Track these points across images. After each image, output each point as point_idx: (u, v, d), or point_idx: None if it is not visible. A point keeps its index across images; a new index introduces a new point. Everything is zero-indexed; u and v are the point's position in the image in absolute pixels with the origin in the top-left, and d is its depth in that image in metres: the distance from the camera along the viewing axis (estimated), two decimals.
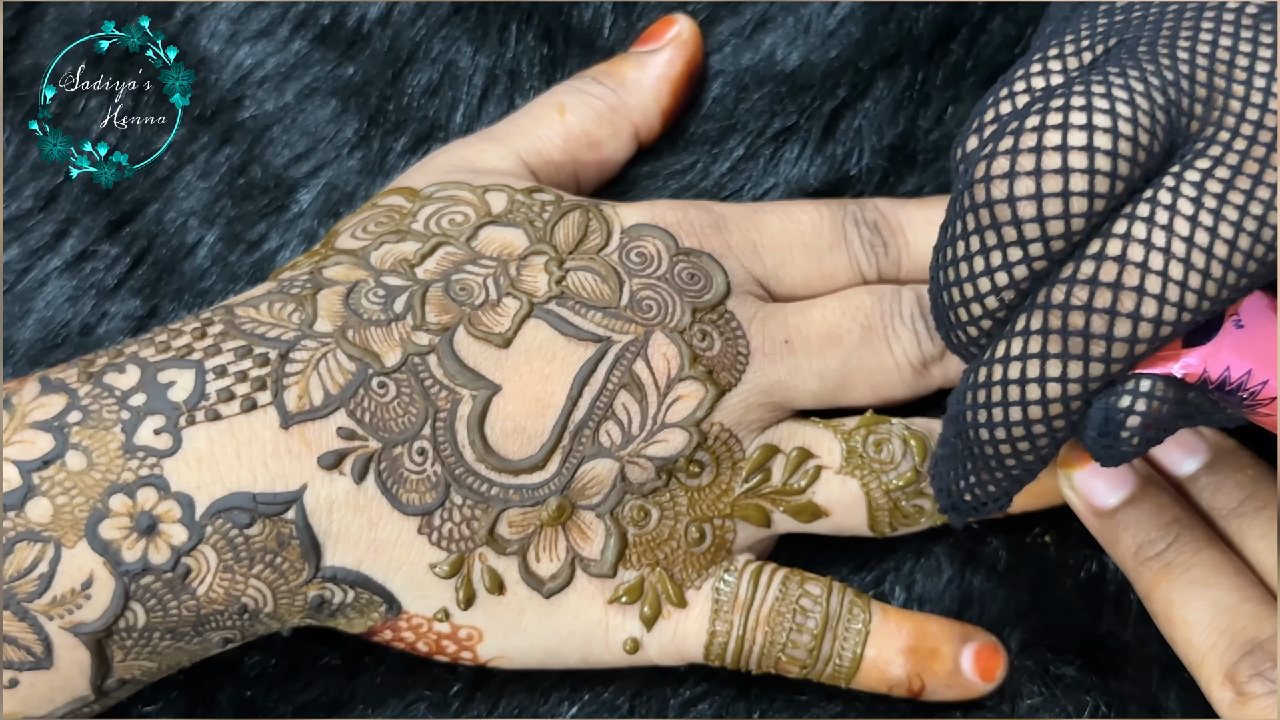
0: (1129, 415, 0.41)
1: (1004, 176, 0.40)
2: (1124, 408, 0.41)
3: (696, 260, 0.51)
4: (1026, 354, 0.41)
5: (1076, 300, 0.40)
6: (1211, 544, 0.49)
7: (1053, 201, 0.40)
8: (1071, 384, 0.41)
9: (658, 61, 0.56)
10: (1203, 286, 0.40)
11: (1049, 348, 0.41)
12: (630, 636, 0.50)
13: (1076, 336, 0.40)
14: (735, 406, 0.50)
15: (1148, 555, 0.49)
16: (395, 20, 0.59)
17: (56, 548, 0.46)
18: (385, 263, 0.50)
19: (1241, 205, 0.40)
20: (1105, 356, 0.40)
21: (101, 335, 0.56)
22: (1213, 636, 0.47)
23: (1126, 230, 0.40)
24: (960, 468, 0.45)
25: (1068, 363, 0.41)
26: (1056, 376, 0.41)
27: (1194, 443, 0.51)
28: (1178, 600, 0.48)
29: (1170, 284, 0.40)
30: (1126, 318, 0.40)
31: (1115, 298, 0.40)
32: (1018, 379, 0.42)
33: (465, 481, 0.48)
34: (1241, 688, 0.46)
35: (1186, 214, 0.40)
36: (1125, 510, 0.50)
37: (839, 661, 0.50)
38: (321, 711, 0.53)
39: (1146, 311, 0.40)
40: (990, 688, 0.51)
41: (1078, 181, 0.40)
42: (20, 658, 0.46)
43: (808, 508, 0.51)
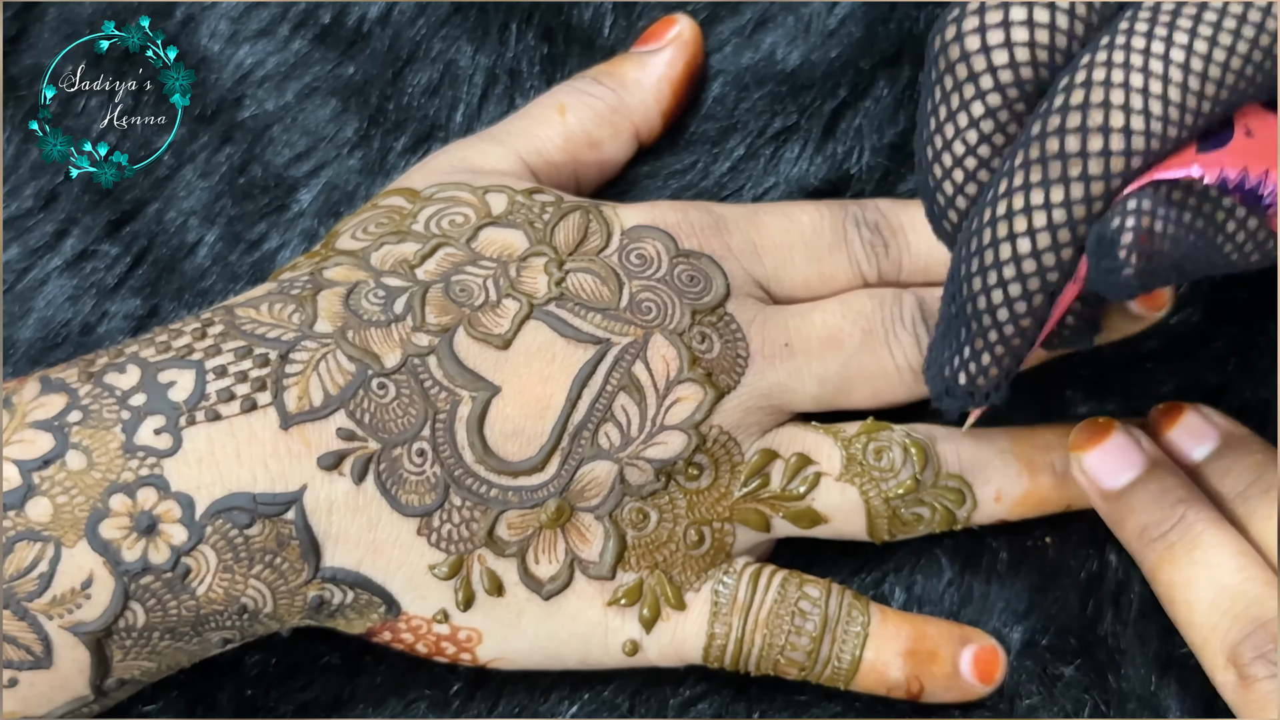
0: (1121, 232, 0.40)
1: (955, 39, 0.43)
2: (1115, 226, 0.40)
3: (696, 262, 0.51)
4: (1012, 188, 0.42)
5: (1050, 127, 0.41)
6: (1217, 525, 0.49)
7: (995, 32, 0.42)
8: (1056, 209, 0.41)
9: (658, 62, 0.56)
10: (1166, 93, 0.41)
11: (1031, 177, 0.42)
12: (629, 638, 0.50)
13: (1055, 160, 0.41)
14: (734, 409, 0.50)
15: (1153, 536, 0.49)
16: (395, 20, 0.59)
17: (56, 547, 0.46)
18: (385, 263, 0.50)
19: (1195, 15, 0.41)
20: (1084, 175, 0.41)
21: (101, 335, 0.56)
22: (1215, 617, 0.47)
23: (1090, 59, 0.41)
24: (954, 342, 0.45)
25: (1049, 188, 0.41)
26: (1040, 204, 0.42)
27: (1204, 429, 0.51)
28: (1180, 581, 0.48)
29: (1134, 94, 0.41)
30: (1098, 132, 0.41)
31: (1084, 115, 0.41)
32: (1005, 214, 0.42)
33: (464, 483, 0.48)
34: (1244, 670, 0.46)
35: (1143, 31, 0.41)
36: (1132, 492, 0.50)
37: (838, 664, 0.50)
38: (321, 711, 0.53)
39: (1115, 123, 0.41)
40: (989, 690, 0.51)
41: (1019, 33, 0.42)
42: (20, 657, 0.46)
43: (807, 514, 0.51)
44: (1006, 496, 0.52)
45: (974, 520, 0.52)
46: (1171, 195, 0.41)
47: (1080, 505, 0.53)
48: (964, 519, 0.52)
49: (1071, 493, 0.52)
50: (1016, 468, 0.52)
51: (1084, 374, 0.55)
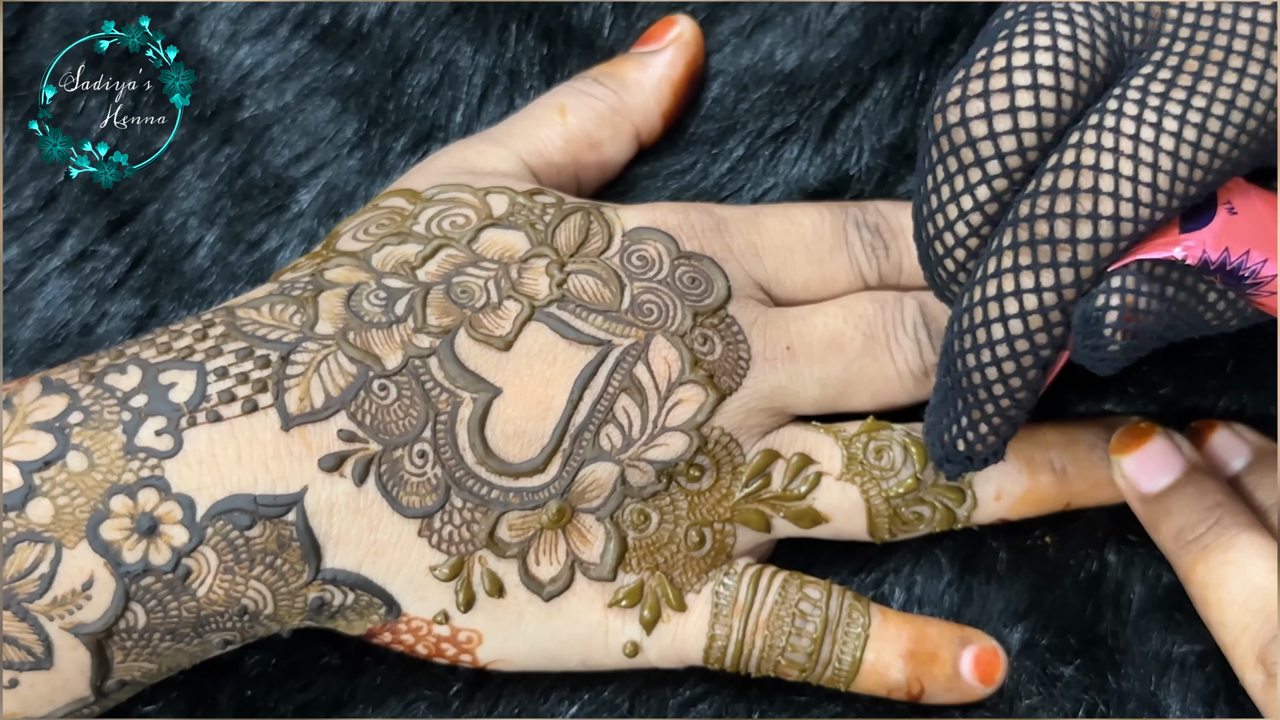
0: (1106, 311, 0.41)
1: (956, 103, 0.43)
2: (1100, 304, 0.42)
3: (698, 264, 0.51)
4: (1001, 270, 0.43)
5: (1040, 210, 0.42)
6: (1252, 529, 0.49)
7: (1001, 118, 0.43)
8: (1046, 292, 0.42)
9: (659, 62, 0.56)
10: (1154, 180, 0.41)
11: (1020, 260, 0.42)
12: (630, 640, 0.50)
13: (1044, 245, 0.42)
14: (736, 411, 0.50)
15: (1188, 539, 0.50)
16: (395, 20, 0.59)
17: (57, 548, 0.46)
18: (387, 265, 0.50)
19: (1184, 100, 0.42)
20: (1073, 260, 0.42)
21: (101, 335, 0.56)
22: (1245, 617, 0.48)
23: (1079, 139, 0.42)
24: (951, 411, 0.46)
25: (1039, 272, 0.42)
26: (1031, 287, 0.42)
27: (1236, 445, 0.52)
28: (1213, 580, 0.49)
29: (1123, 180, 0.42)
30: (1086, 219, 0.42)
31: (1074, 201, 0.42)
32: (995, 295, 0.43)
33: (465, 484, 0.48)
34: (1272, 669, 0.47)
35: (1132, 114, 0.42)
36: (1169, 495, 0.50)
37: (838, 665, 0.50)
38: (322, 711, 0.53)
39: (1104, 210, 0.42)
40: (990, 691, 0.51)
41: (1023, 97, 0.42)
42: (20, 658, 0.46)
43: (808, 513, 0.51)
44: (1006, 495, 0.52)
45: (974, 519, 0.52)
46: (1154, 272, 0.42)
47: (1080, 504, 0.53)
48: (964, 518, 0.52)
49: (1071, 491, 0.52)
50: (1016, 466, 0.52)
51: (1083, 375, 0.55)
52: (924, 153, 0.45)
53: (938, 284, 0.46)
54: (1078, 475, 0.52)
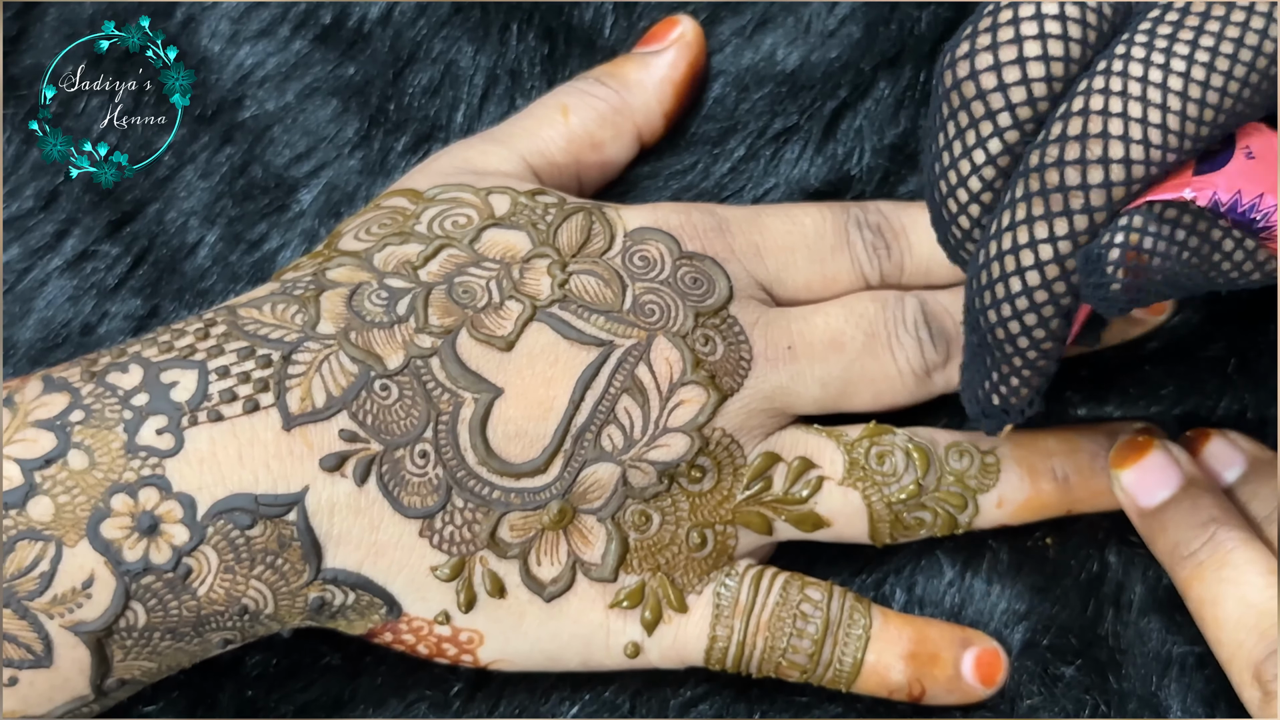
0: (1109, 249, 0.41)
1: (965, 57, 0.43)
2: (1104, 242, 0.41)
3: (699, 264, 0.51)
4: (1015, 222, 0.43)
5: (1049, 158, 0.42)
6: (1248, 544, 0.49)
7: (1010, 69, 0.43)
8: (1060, 241, 0.42)
9: (661, 63, 0.56)
10: (1164, 121, 0.41)
11: (1033, 210, 0.42)
12: (631, 640, 0.50)
13: (1056, 193, 0.42)
14: (737, 412, 0.50)
15: (1184, 554, 0.50)
16: (396, 20, 0.59)
17: (57, 546, 0.46)
18: (388, 264, 0.50)
19: (1191, 40, 0.42)
20: (1086, 206, 0.42)
21: (102, 335, 0.56)
22: (1240, 634, 0.48)
23: (1087, 86, 0.42)
24: (982, 367, 0.46)
25: (1053, 220, 0.42)
26: (1045, 237, 0.42)
27: (1231, 454, 0.52)
28: (1209, 598, 0.49)
29: (1132, 123, 0.41)
30: (1097, 164, 0.41)
31: (1083, 146, 0.42)
32: (1010, 248, 0.43)
33: (467, 484, 0.48)
34: (1268, 686, 0.47)
35: (1139, 57, 0.42)
36: (1166, 509, 0.50)
37: (839, 666, 0.50)
38: (322, 711, 0.53)
39: (1114, 154, 0.41)
40: (991, 692, 0.51)
41: (1031, 48, 0.43)
42: (20, 656, 0.46)
43: (809, 517, 0.51)
44: (1008, 502, 0.52)
45: (976, 525, 0.52)
46: (1164, 214, 0.41)
47: (1081, 510, 0.53)
48: (966, 524, 0.52)
49: (1073, 498, 0.52)
50: (1018, 474, 0.52)
51: (1084, 375, 0.55)
52: (934, 111, 0.44)
53: (951, 245, 0.46)
54: (1079, 483, 0.52)
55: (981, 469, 0.52)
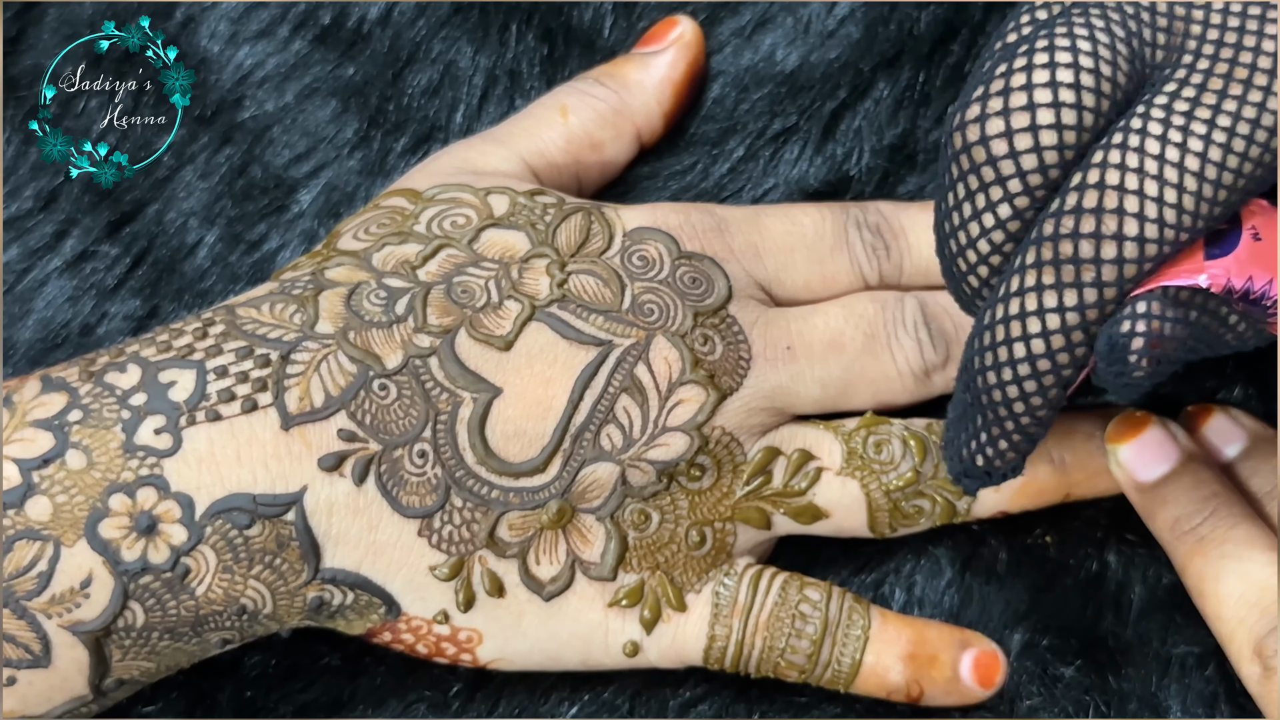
0: (1132, 337, 0.41)
1: (976, 120, 0.43)
2: (1126, 331, 0.41)
3: (698, 264, 0.51)
4: (1024, 289, 0.42)
5: (1064, 229, 0.42)
6: (1248, 520, 0.49)
7: (1022, 136, 0.42)
8: (1069, 313, 0.42)
9: (660, 63, 0.56)
10: (1180, 201, 0.41)
11: (1044, 279, 0.42)
12: (630, 639, 0.50)
13: (1068, 264, 0.42)
14: (736, 411, 0.50)
15: (1184, 529, 0.50)
16: (395, 20, 0.59)
17: (56, 546, 0.46)
18: (387, 264, 0.50)
19: (1209, 119, 0.41)
20: (1097, 280, 0.42)
21: (101, 335, 0.56)
22: (1242, 610, 0.48)
23: (1103, 159, 0.42)
24: (971, 426, 0.46)
25: (1063, 291, 0.42)
26: (1054, 307, 0.42)
27: (1232, 430, 0.52)
28: (1210, 573, 0.49)
29: (1148, 201, 0.41)
30: (1111, 239, 0.41)
31: (1098, 221, 0.41)
32: (1018, 314, 0.43)
33: (466, 484, 0.48)
34: (1269, 661, 0.47)
35: (1156, 134, 0.41)
36: (1166, 484, 0.50)
37: (838, 667, 0.50)
38: (321, 712, 0.53)
39: (1129, 231, 0.41)
40: (989, 694, 0.51)
41: (1044, 115, 0.42)
42: (18, 655, 0.46)
43: (808, 509, 0.51)
44: (1005, 487, 0.52)
45: (974, 512, 0.52)
46: (1179, 297, 0.42)
47: (1079, 494, 0.53)
48: (964, 510, 0.52)
49: (1069, 481, 0.52)
50: None
51: None
52: (944, 169, 0.44)
53: (963, 299, 0.46)
54: (1075, 465, 0.52)
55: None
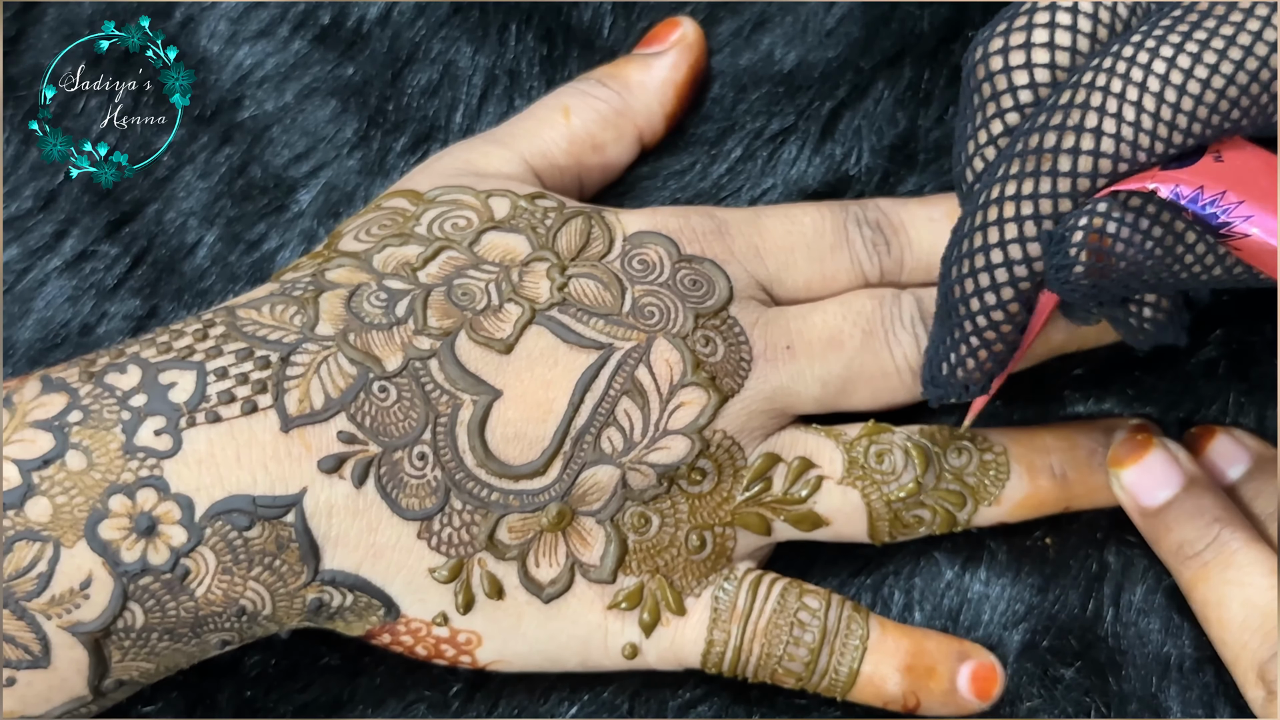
0: (1073, 230, 0.42)
1: (981, 43, 0.46)
2: (1070, 224, 0.42)
3: (699, 266, 0.51)
4: (989, 199, 0.44)
5: (1030, 143, 0.43)
6: (1252, 545, 0.49)
7: (1016, 53, 0.45)
8: (1026, 221, 0.43)
9: (662, 64, 0.56)
10: (1142, 120, 0.42)
11: (1007, 190, 0.44)
12: (629, 642, 0.50)
13: (1029, 177, 0.43)
14: (738, 413, 0.50)
15: (1188, 554, 0.50)
16: (395, 20, 0.59)
17: (55, 547, 0.46)
18: (388, 266, 0.50)
19: (1201, 43, 0.42)
20: (1053, 190, 0.43)
21: (101, 335, 0.56)
22: (1245, 635, 0.48)
23: (1077, 80, 0.43)
24: (947, 339, 0.46)
25: (1021, 201, 0.43)
26: (1012, 216, 0.43)
27: (1236, 451, 0.53)
28: (1214, 599, 0.49)
29: (1126, 104, 0.42)
30: (1067, 153, 0.43)
31: (1060, 136, 0.43)
32: (981, 223, 0.44)
33: (465, 486, 0.48)
34: (1272, 686, 0.47)
35: (1148, 47, 0.43)
36: (1170, 509, 0.50)
37: (835, 675, 0.50)
38: (321, 712, 0.53)
39: (1087, 144, 0.42)
40: (986, 706, 0.51)
41: (1039, 35, 0.44)
42: (18, 656, 0.46)
43: (808, 517, 0.51)
44: (1006, 499, 0.52)
45: (974, 523, 0.52)
46: (1128, 202, 0.42)
47: (1079, 507, 0.53)
48: (964, 521, 0.52)
49: (1070, 495, 0.52)
50: (1017, 471, 0.52)
51: (1080, 374, 0.55)
52: (962, 91, 0.47)
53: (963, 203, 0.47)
54: (1077, 480, 0.52)
55: (980, 466, 0.52)
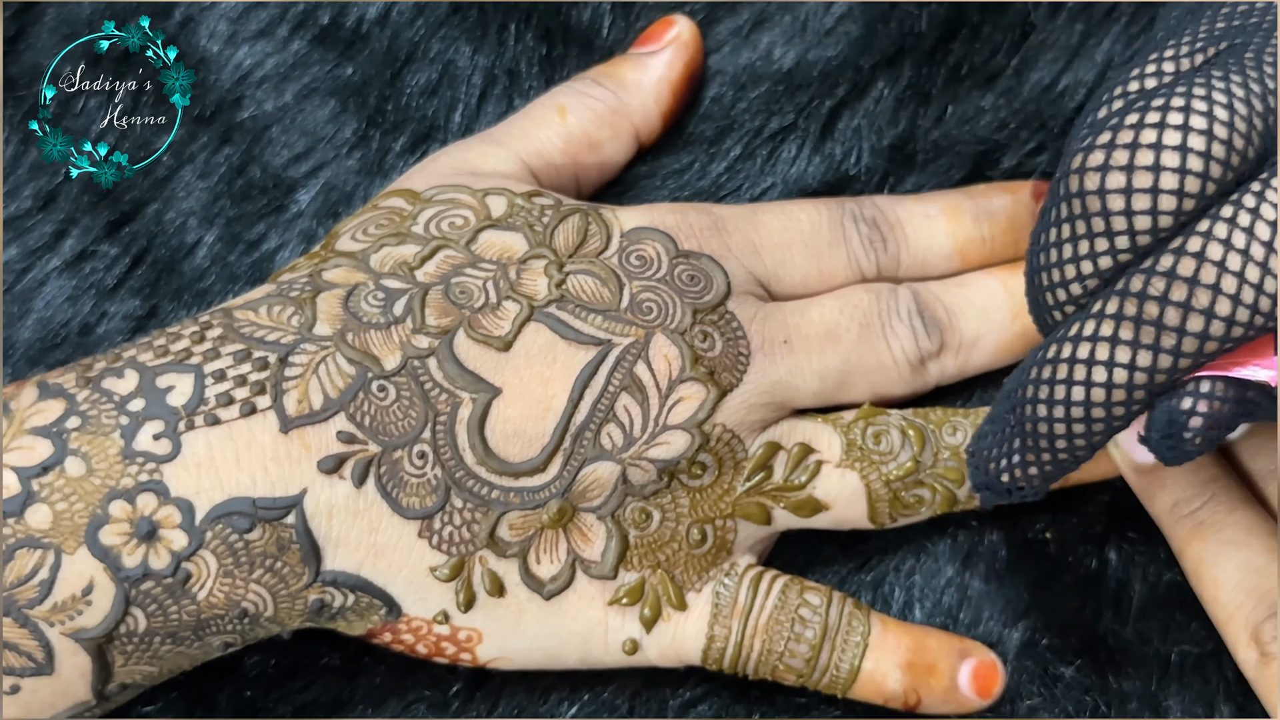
0: (1191, 416, 0.42)
1: (1098, 170, 0.42)
2: (1186, 409, 0.42)
3: (696, 262, 0.51)
4: (1098, 336, 0.42)
5: (1154, 290, 0.41)
6: (1246, 505, 0.49)
7: (1141, 197, 0.42)
8: (1138, 372, 0.42)
9: (658, 63, 0.56)
10: (1277, 290, 0.41)
11: (1120, 333, 0.42)
12: (629, 638, 0.50)
13: (1149, 326, 0.42)
14: (737, 407, 0.50)
15: (1183, 513, 0.50)
16: (394, 20, 0.59)
17: (56, 554, 0.46)
18: (385, 265, 0.50)
19: None
20: (1175, 349, 0.41)
21: (101, 335, 0.56)
22: (1240, 596, 0.48)
23: (1209, 229, 0.41)
24: (1005, 446, 0.46)
25: (1137, 351, 0.42)
26: (1125, 363, 0.42)
27: None
28: (1208, 559, 0.49)
29: (1246, 286, 0.41)
30: (1200, 313, 0.41)
31: (1191, 293, 0.41)
32: (1085, 359, 0.43)
33: (466, 485, 0.48)
34: (1265, 647, 0.47)
35: (1270, 219, 0.41)
36: (1163, 467, 0.50)
37: (836, 672, 0.50)
38: (321, 711, 0.53)
39: (1220, 310, 0.41)
40: (986, 704, 0.51)
41: (1168, 180, 0.41)
42: (21, 664, 0.46)
43: (809, 503, 0.51)
44: None
45: (974, 500, 0.52)
46: (1246, 386, 0.42)
47: (1079, 480, 0.53)
48: (964, 498, 0.52)
49: None
50: None
51: None
52: (1052, 202, 0.44)
53: (1040, 321, 0.46)
54: None
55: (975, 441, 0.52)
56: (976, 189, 0.56)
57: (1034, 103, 0.57)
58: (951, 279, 0.54)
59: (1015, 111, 0.57)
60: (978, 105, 0.57)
